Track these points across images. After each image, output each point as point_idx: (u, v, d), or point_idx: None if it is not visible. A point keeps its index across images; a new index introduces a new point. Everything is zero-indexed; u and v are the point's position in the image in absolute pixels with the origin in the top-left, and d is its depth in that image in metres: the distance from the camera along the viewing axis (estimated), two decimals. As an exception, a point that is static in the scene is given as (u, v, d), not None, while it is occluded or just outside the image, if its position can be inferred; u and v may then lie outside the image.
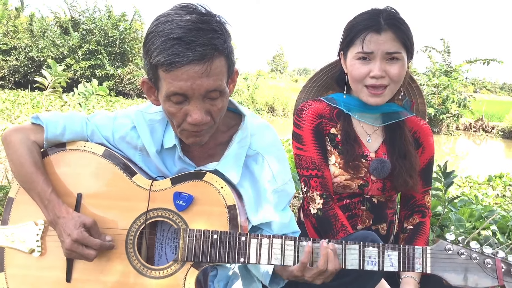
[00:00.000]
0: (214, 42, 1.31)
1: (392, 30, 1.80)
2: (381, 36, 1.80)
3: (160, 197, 1.53)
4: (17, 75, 19.00)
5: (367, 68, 1.83)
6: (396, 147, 1.95)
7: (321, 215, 1.87)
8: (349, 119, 1.97)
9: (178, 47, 1.29)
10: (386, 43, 1.80)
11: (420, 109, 2.20)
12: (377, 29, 1.80)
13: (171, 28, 1.30)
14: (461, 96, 16.77)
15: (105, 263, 1.54)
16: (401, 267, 1.43)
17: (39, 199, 1.55)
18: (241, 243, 1.46)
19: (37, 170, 1.56)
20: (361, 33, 1.82)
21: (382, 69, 1.81)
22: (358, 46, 1.83)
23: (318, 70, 2.18)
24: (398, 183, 1.93)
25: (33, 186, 1.55)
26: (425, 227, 1.97)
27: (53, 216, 1.52)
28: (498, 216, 3.83)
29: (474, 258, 1.40)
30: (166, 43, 1.30)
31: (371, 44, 1.80)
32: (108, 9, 19.94)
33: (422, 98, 2.18)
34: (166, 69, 1.32)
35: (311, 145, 1.92)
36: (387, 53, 1.80)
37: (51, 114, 1.65)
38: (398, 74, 1.83)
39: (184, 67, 1.30)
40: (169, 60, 1.30)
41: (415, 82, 2.14)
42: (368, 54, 1.82)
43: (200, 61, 1.30)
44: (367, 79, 1.83)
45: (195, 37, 1.29)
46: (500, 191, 6.55)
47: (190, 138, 1.47)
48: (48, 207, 1.53)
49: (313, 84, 2.21)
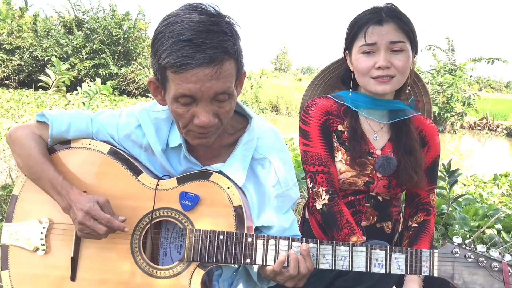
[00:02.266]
0: (224, 45, 1.30)
1: (393, 21, 1.82)
2: (383, 27, 1.82)
3: (166, 197, 1.53)
4: (22, 74, 19.08)
5: (372, 61, 1.84)
6: (402, 143, 1.95)
7: (326, 210, 1.87)
8: (356, 116, 1.97)
9: (188, 49, 1.27)
10: (389, 33, 1.81)
11: (425, 108, 2.19)
12: (378, 21, 1.82)
13: (181, 29, 1.29)
14: (466, 95, 16.70)
15: (110, 262, 1.54)
16: (408, 270, 1.43)
17: (51, 186, 1.53)
18: (248, 244, 1.45)
19: (46, 159, 1.57)
20: (363, 26, 1.84)
21: (387, 60, 1.82)
22: (361, 39, 1.84)
23: (325, 67, 2.17)
24: (403, 179, 1.93)
25: (43, 175, 1.54)
26: (430, 225, 1.97)
27: (67, 200, 1.50)
28: (503, 215, 3.83)
29: (481, 261, 1.40)
30: (176, 44, 1.28)
31: (373, 36, 1.82)
32: (112, 8, 19.97)
33: (428, 97, 2.18)
34: (176, 71, 1.31)
35: (318, 142, 1.92)
36: (390, 42, 1.81)
37: (56, 111, 1.64)
38: (403, 64, 1.84)
39: (194, 69, 1.29)
40: (179, 62, 1.28)
41: (421, 81, 2.14)
42: (371, 46, 1.83)
43: (210, 64, 1.29)
44: (373, 71, 1.84)
45: (205, 40, 1.28)
46: (506, 190, 6.52)
47: (196, 139, 1.46)
48: (61, 193, 1.51)
49: (319, 82, 2.21)
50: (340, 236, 1.81)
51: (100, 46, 19.05)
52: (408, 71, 1.89)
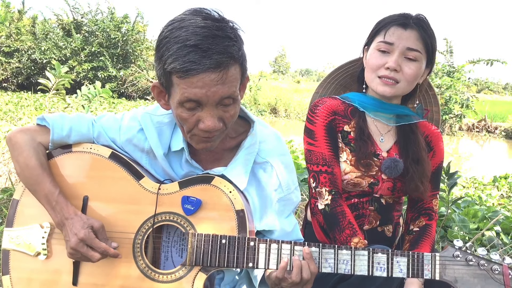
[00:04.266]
0: (230, 50, 1.31)
1: (417, 30, 1.84)
2: (405, 32, 1.83)
3: (168, 201, 1.53)
4: (20, 77, 19.05)
5: (384, 60, 1.85)
6: (410, 152, 1.95)
7: (328, 211, 1.87)
8: (363, 116, 1.98)
9: (194, 55, 1.28)
10: (409, 39, 1.83)
11: (434, 118, 2.20)
12: (403, 24, 1.84)
13: (187, 35, 1.29)
14: (464, 97, 16.71)
15: (112, 267, 1.54)
16: (410, 273, 1.43)
17: (46, 200, 1.53)
18: (250, 248, 1.46)
19: (43, 171, 1.55)
20: (387, 25, 1.87)
21: (398, 63, 1.83)
22: (381, 36, 1.87)
23: (338, 66, 2.19)
24: (409, 188, 1.94)
25: (39, 188, 1.54)
26: (431, 229, 1.98)
27: (60, 217, 1.50)
28: (502, 217, 3.83)
29: (482, 265, 1.41)
30: (182, 50, 1.29)
31: (393, 36, 1.84)
32: (110, 11, 19.96)
33: (438, 107, 2.18)
34: (181, 76, 1.31)
35: (323, 141, 1.93)
36: (407, 48, 1.83)
37: (57, 115, 1.64)
38: (412, 74, 1.85)
39: (200, 74, 1.29)
40: (185, 68, 1.29)
41: (433, 90, 2.15)
42: (388, 46, 1.85)
43: (216, 69, 1.30)
44: (381, 69, 1.86)
45: (211, 45, 1.28)
46: (506, 192, 6.53)
47: (200, 143, 1.46)
48: (55, 209, 1.51)
49: (332, 80, 2.22)
50: (342, 237, 1.81)
51: (98, 48, 19.03)
52: (415, 82, 1.90)
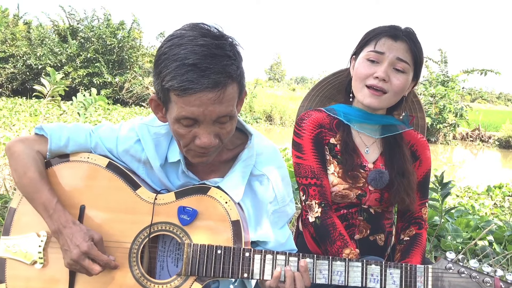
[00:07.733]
0: (228, 69, 1.32)
1: (407, 42, 1.86)
2: (396, 43, 1.86)
3: (164, 211, 1.54)
4: (15, 82, 19.01)
5: (373, 69, 1.87)
6: (395, 165, 1.97)
7: (319, 223, 1.88)
8: (348, 129, 1.99)
9: (192, 74, 1.29)
10: (399, 50, 1.85)
11: (419, 124, 2.22)
12: (394, 36, 1.86)
13: (186, 53, 1.30)
14: (458, 106, 16.86)
15: (108, 277, 1.54)
16: (403, 285, 1.45)
17: (44, 208, 1.53)
18: (245, 258, 1.47)
19: (41, 179, 1.56)
20: (378, 36, 1.88)
21: (387, 73, 1.85)
22: (372, 45, 1.88)
23: (322, 79, 2.20)
24: (395, 200, 1.95)
25: (37, 196, 1.55)
26: (422, 238, 1.99)
27: (58, 226, 1.51)
28: (495, 227, 3.86)
29: (474, 277, 1.42)
30: (181, 68, 1.30)
31: (384, 46, 1.86)
32: (106, 17, 20.01)
33: (423, 112, 2.21)
34: (179, 94, 1.32)
35: (311, 154, 1.94)
36: (397, 58, 1.85)
37: (56, 125, 1.65)
38: (400, 85, 1.87)
39: (198, 93, 1.30)
40: (183, 86, 1.30)
41: (416, 97, 2.17)
42: (378, 55, 1.86)
43: (214, 88, 1.31)
44: (370, 78, 1.87)
45: (210, 64, 1.29)
46: (499, 201, 6.57)
47: (196, 158, 1.48)
48: (52, 217, 1.52)
49: (316, 93, 2.23)
50: (333, 249, 1.82)
51: (94, 55, 19.04)
52: (401, 94, 1.92)
